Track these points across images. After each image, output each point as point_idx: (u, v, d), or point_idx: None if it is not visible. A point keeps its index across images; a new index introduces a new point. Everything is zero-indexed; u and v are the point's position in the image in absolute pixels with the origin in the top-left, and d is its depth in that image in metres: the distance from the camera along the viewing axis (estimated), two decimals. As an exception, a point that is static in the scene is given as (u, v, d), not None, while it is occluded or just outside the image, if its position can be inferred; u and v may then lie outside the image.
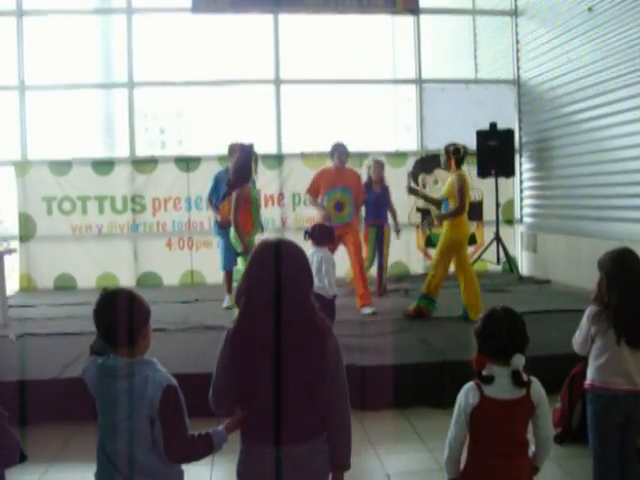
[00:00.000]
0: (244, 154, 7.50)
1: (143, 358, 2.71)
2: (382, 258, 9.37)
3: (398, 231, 9.46)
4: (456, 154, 7.89)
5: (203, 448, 2.72)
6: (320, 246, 6.51)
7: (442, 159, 8.17)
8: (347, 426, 2.74)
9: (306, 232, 6.63)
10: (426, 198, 8.99)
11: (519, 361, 2.87)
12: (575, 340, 3.83)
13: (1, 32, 11.22)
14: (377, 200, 9.30)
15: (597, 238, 9.12)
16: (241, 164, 7.49)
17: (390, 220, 9.45)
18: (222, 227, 8.46)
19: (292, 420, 2.61)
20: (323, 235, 6.53)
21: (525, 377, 2.89)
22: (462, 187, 7.64)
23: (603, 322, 3.62)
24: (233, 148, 8.27)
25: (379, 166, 9.38)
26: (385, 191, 9.43)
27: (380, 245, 9.33)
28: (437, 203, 8.40)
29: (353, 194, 8.45)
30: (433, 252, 10.79)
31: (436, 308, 7.90)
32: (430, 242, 9.69)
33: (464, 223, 7.79)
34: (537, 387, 2.92)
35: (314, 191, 8.50)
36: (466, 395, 2.93)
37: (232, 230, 7.36)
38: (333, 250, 7.60)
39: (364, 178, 9.23)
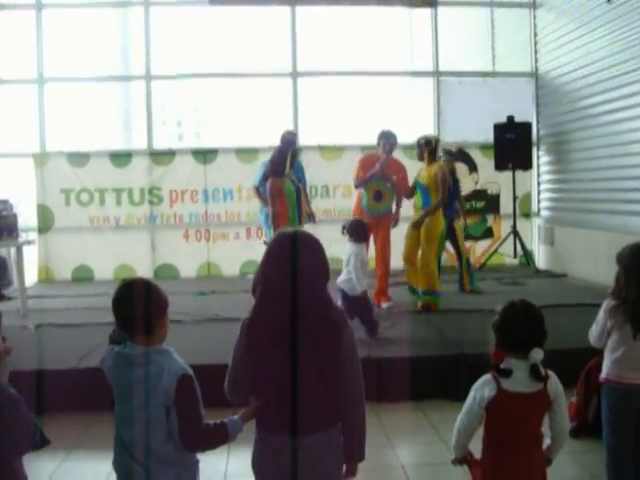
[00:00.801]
0: (282, 145, 7.53)
1: (159, 347, 2.73)
2: (460, 253, 9.10)
3: (465, 226, 9.33)
4: (428, 146, 8.08)
5: (218, 437, 2.74)
6: (357, 242, 6.58)
7: (415, 151, 8.28)
8: (362, 418, 2.76)
9: (343, 227, 6.73)
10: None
11: (537, 355, 2.86)
12: (591, 333, 3.82)
13: (20, 25, 11.29)
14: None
15: (614, 232, 9.07)
16: (277, 156, 7.52)
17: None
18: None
19: (307, 410, 2.62)
20: (359, 231, 6.62)
21: (543, 371, 2.89)
22: (445, 178, 7.87)
23: (620, 316, 3.61)
24: (285, 136, 8.15)
25: (449, 157, 9.07)
26: (455, 184, 8.99)
27: (454, 240, 9.02)
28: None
29: (395, 186, 8.21)
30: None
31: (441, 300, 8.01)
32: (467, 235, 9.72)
33: (441, 215, 8.08)
34: (554, 381, 2.91)
35: (358, 175, 8.27)
36: (482, 387, 2.92)
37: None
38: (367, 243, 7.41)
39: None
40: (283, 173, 7.54)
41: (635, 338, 3.57)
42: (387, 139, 8.19)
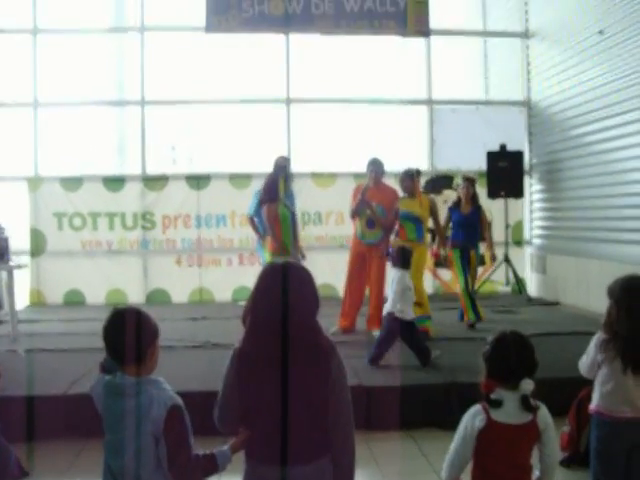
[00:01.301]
0: (274, 171, 7.56)
1: (149, 377, 2.72)
2: (467, 282, 8.55)
3: (493, 257, 8.95)
4: (418, 176, 8.34)
5: (207, 468, 2.72)
6: (401, 268, 6.65)
7: (405, 183, 8.17)
8: (351, 447, 2.75)
9: (387, 254, 6.91)
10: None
11: (528, 386, 2.86)
12: (582, 364, 3.82)
13: (16, 49, 11.34)
14: (463, 221, 8.61)
15: (606, 260, 9.10)
16: (269, 182, 7.55)
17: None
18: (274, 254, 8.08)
19: (297, 440, 2.61)
20: (402, 257, 6.69)
21: (533, 402, 2.88)
22: (437, 211, 8.26)
23: (610, 351, 3.60)
24: (278, 161, 8.31)
25: (468, 184, 8.75)
26: (475, 211, 8.72)
27: (465, 268, 8.55)
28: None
29: (387, 213, 8.11)
30: (442, 272, 10.85)
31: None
32: (440, 262, 9.61)
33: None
34: (544, 413, 2.90)
35: (353, 204, 8.24)
36: (472, 418, 2.90)
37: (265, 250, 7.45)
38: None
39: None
40: (277, 198, 7.54)
41: (625, 372, 3.56)
42: (372, 167, 8.22)
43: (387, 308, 6.62)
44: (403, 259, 6.69)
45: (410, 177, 8.16)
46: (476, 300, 8.56)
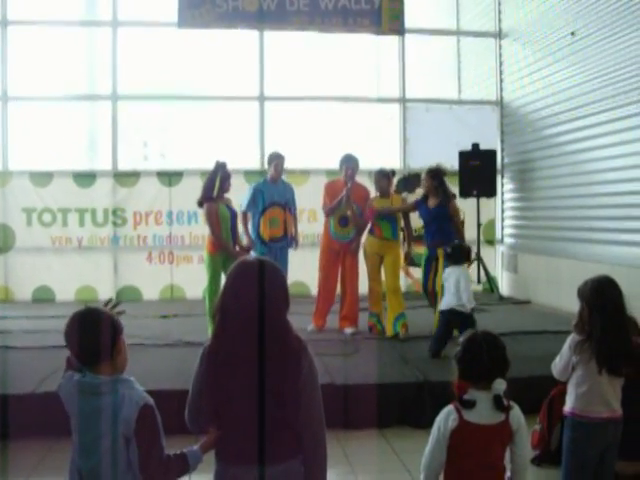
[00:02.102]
0: (211, 171, 7.57)
1: (120, 376, 2.69)
2: (434, 291, 7.86)
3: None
4: (394, 176, 8.34)
5: (179, 468, 2.69)
6: (459, 264, 6.93)
7: (380, 183, 8.12)
8: (322, 446, 2.73)
9: (446, 252, 7.02)
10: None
11: (500, 386, 2.87)
12: (555, 366, 3.83)
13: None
14: (428, 217, 7.98)
15: (577, 259, 9.17)
16: (206, 181, 7.56)
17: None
18: (264, 244, 8.16)
19: (268, 440, 2.59)
20: (462, 254, 7.02)
21: (506, 402, 2.88)
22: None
23: (585, 352, 3.62)
24: (271, 157, 8.36)
25: (428, 176, 7.98)
26: (442, 205, 7.90)
27: (434, 273, 7.83)
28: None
29: (360, 210, 8.14)
30: (414, 271, 10.86)
31: None
32: (412, 261, 9.60)
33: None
34: (517, 413, 2.91)
35: (324, 203, 8.32)
36: (445, 419, 2.91)
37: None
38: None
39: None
40: (212, 196, 7.50)
41: (601, 373, 3.59)
42: (348, 164, 8.19)
43: (445, 304, 6.85)
44: (461, 255, 7.01)
45: (386, 177, 8.14)
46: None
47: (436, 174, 7.97)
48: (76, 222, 10.98)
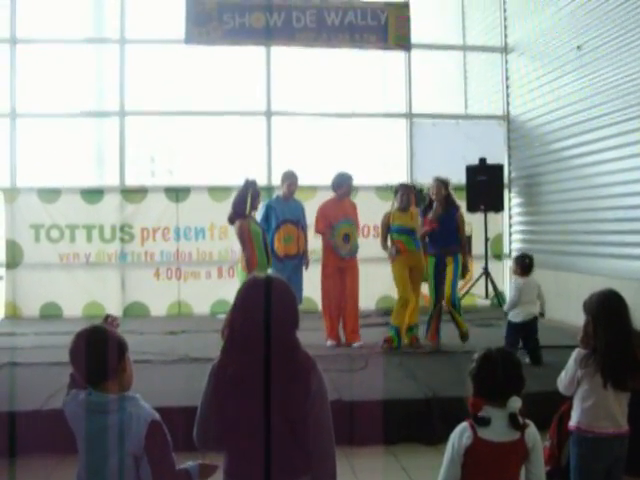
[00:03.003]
0: (241, 188, 7.54)
1: (126, 394, 2.68)
2: (438, 297, 8.06)
3: (464, 267, 8.17)
4: (414, 190, 8.52)
5: None
6: (518, 275, 7.23)
7: (403, 197, 8.14)
8: (332, 463, 2.71)
9: (523, 263, 7.26)
10: None
11: (515, 403, 2.83)
12: (560, 381, 3.81)
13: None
14: (439, 225, 8.00)
15: (585, 274, 9.13)
16: (237, 198, 7.52)
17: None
18: (279, 260, 8.24)
19: (277, 458, 2.57)
20: (531, 264, 7.27)
21: (521, 420, 2.86)
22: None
23: (590, 366, 3.60)
24: (285, 176, 8.49)
25: (438, 184, 8.09)
26: (450, 214, 8.05)
27: (440, 279, 8.03)
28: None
29: (356, 225, 8.52)
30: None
31: None
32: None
33: None
34: (532, 431, 2.87)
35: (323, 226, 8.41)
36: (460, 436, 2.86)
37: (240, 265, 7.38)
38: None
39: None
40: (244, 214, 7.47)
41: (606, 388, 3.56)
42: (348, 181, 8.44)
43: (521, 315, 7.17)
44: (521, 266, 7.25)
45: (410, 191, 8.29)
46: (432, 320, 8.14)
47: (447, 183, 8.22)
48: (84, 238, 10.99)
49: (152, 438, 2.58)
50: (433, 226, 7.98)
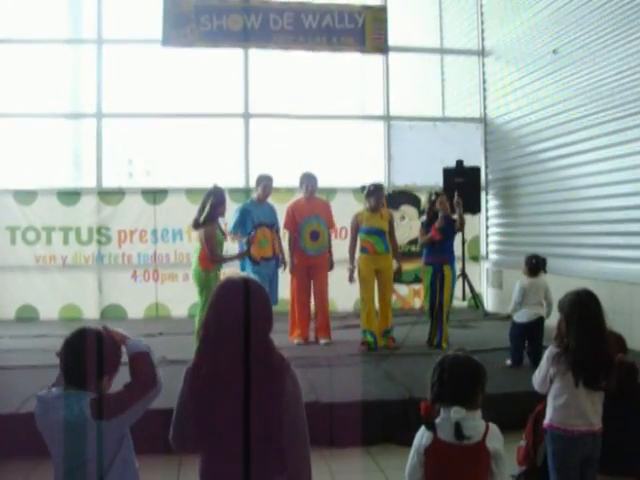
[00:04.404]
0: (204, 196, 7.51)
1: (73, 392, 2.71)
2: (441, 305, 8.10)
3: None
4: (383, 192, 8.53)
5: (144, 365, 2.79)
6: (535, 276, 7.30)
7: (372, 198, 8.23)
8: (307, 464, 2.73)
9: (534, 264, 7.34)
10: None
11: (456, 414, 2.83)
12: (535, 379, 3.86)
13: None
14: (440, 237, 8.14)
15: (562, 275, 9.19)
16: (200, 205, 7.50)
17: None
18: (255, 263, 8.26)
19: (252, 459, 2.57)
20: (529, 265, 7.34)
21: (483, 424, 2.86)
22: (394, 224, 8.52)
23: (562, 364, 3.65)
24: (259, 179, 8.56)
25: (445, 197, 8.28)
26: (449, 225, 8.20)
27: (440, 288, 8.11)
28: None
29: (327, 224, 8.62)
30: (399, 287, 10.88)
31: None
32: (399, 278, 9.68)
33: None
34: (493, 435, 2.86)
35: (291, 224, 8.60)
36: (421, 435, 2.91)
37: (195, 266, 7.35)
38: None
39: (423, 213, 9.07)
40: (198, 222, 7.41)
41: (577, 386, 3.61)
42: (309, 181, 8.60)
43: (526, 316, 7.24)
44: (528, 266, 7.35)
45: (380, 191, 8.30)
46: (443, 324, 8.16)
47: (449, 197, 8.44)
48: (60, 240, 10.92)
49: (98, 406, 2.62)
50: (438, 238, 8.08)
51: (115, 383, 2.84)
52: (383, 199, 8.41)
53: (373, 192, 8.23)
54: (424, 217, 8.50)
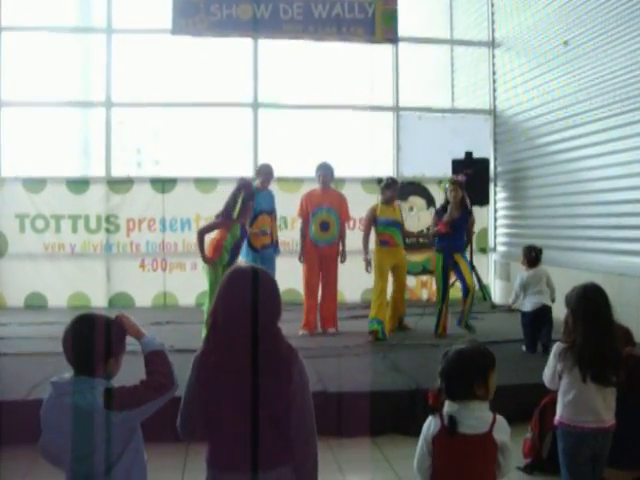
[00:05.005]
0: (234, 189, 7.48)
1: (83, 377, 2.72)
2: (467, 289, 8.24)
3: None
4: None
5: (161, 365, 2.78)
6: (535, 266, 7.45)
7: (388, 189, 8.45)
8: (313, 454, 2.74)
9: (532, 255, 7.49)
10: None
11: (449, 408, 2.88)
12: (545, 375, 3.85)
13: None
14: (455, 226, 8.18)
15: (570, 268, 9.18)
16: (229, 200, 7.45)
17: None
18: (255, 250, 8.36)
19: (260, 447, 2.58)
20: (528, 256, 7.50)
21: (490, 415, 2.87)
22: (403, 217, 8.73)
23: (568, 360, 3.63)
24: (261, 168, 8.68)
25: (457, 186, 8.27)
26: (465, 216, 8.31)
27: (447, 275, 8.34)
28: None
29: (339, 215, 8.61)
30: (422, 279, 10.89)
31: None
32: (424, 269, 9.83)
33: None
34: (501, 426, 2.87)
35: (303, 213, 8.66)
36: (428, 424, 2.93)
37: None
38: None
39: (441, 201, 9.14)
40: (231, 218, 7.39)
41: (585, 381, 3.58)
42: (323, 171, 8.59)
43: (531, 305, 7.39)
44: (528, 257, 7.49)
45: (394, 185, 8.50)
46: (445, 313, 8.30)
47: (463, 185, 8.37)
48: (69, 228, 10.95)
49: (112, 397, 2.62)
50: (447, 230, 8.14)
51: (127, 372, 2.85)
52: (395, 193, 8.57)
53: (391, 185, 8.44)
54: (439, 206, 8.71)
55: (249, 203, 7.42)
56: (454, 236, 8.23)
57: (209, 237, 7.42)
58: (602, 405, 3.64)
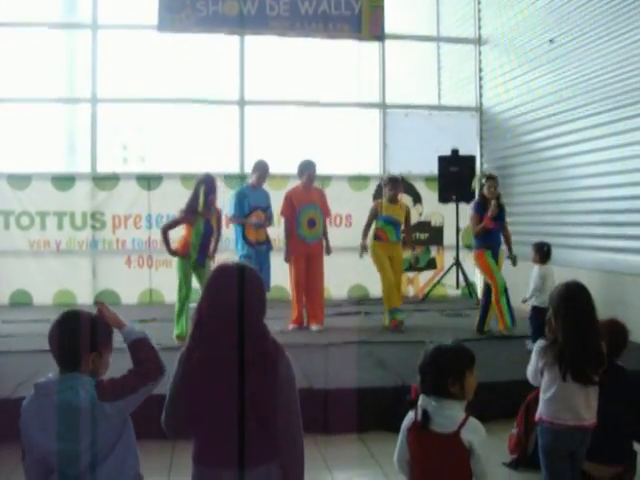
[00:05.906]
0: (196, 184, 7.64)
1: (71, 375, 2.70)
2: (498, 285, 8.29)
3: (513, 258, 8.57)
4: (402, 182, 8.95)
5: (147, 352, 2.77)
6: (540, 263, 7.40)
7: (388, 187, 8.68)
8: (300, 450, 2.74)
9: (542, 251, 7.43)
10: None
11: (423, 402, 2.90)
12: (528, 372, 3.88)
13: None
14: (495, 222, 8.29)
15: (556, 265, 9.20)
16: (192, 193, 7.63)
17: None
18: (251, 245, 8.39)
19: (245, 444, 2.58)
20: (541, 252, 7.44)
21: (462, 416, 2.87)
22: (410, 216, 8.95)
23: (549, 357, 3.64)
24: (257, 165, 8.62)
25: (494, 182, 8.42)
26: (502, 211, 8.43)
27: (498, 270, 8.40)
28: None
29: (322, 211, 8.71)
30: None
31: None
32: (411, 266, 9.91)
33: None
34: (471, 427, 2.84)
35: (288, 211, 8.64)
36: (407, 417, 2.97)
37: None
38: None
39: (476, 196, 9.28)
40: (196, 210, 7.58)
41: (565, 379, 3.60)
42: (309, 169, 8.61)
43: (532, 302, 7.36)
44: (540, 253, 7.43)
45: (394, 183, 8.64)
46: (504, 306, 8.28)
47: (497, 180, 8.52)
48: (54, 225, 10.90)
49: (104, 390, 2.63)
50: (493, 226, 8.24)
51: (115, 370, 2.84)
52: (399, 190, 8.74)
53: (388, 183, 8.68)
54: (473, 203, 8.75)
55: (210, 197, 7.53)
56: (497, 230, 8.39)
57: (178, 235, 7.55)
58: (583, 404, 3.65)
